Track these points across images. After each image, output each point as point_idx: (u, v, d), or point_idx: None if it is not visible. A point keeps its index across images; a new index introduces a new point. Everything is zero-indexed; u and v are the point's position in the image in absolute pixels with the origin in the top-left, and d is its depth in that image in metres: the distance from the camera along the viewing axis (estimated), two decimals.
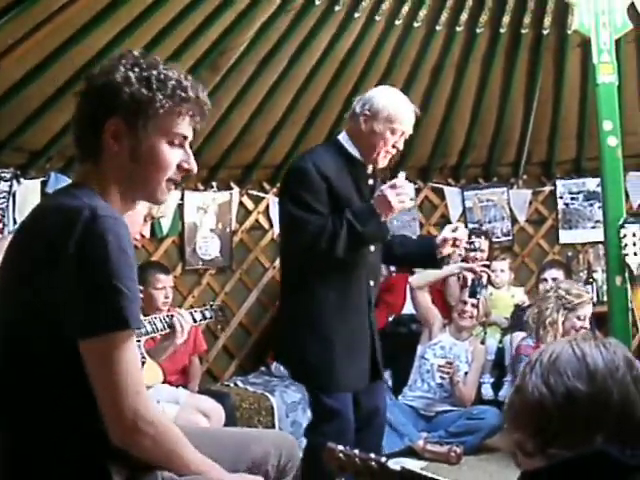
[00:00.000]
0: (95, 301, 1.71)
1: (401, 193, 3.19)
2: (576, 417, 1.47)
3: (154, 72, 1.89)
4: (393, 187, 3.19)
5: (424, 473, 2.08)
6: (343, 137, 3.39)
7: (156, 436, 1.79)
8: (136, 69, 1.88)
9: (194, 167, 2.00)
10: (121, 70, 1.87)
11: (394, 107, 3.30)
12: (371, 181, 3.42)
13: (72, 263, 1.70)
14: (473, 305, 5.09)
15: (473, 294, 4.78)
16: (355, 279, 3.35)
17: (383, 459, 2.04)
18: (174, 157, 1.94)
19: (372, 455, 2.07)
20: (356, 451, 2.04)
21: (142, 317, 3.61)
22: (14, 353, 1.81)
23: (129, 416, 1.74)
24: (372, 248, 3.40)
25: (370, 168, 3.42)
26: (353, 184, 3.32)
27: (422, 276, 5.37)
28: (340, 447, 2.05)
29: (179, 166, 1.96)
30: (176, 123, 1.92)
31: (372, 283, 3.45)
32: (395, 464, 2.04)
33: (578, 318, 4.50)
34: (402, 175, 3.28)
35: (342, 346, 3.30)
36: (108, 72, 1.88)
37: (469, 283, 4.86)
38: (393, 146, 3.32)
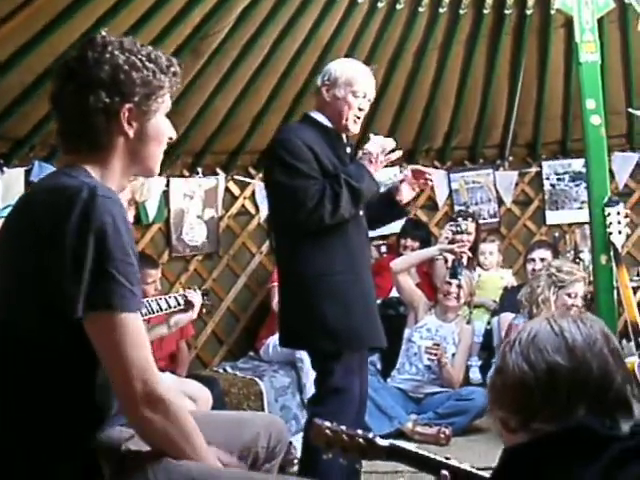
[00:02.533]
0: (91, 282, 1.71)
1: (379, 144, 3.39)
2: (557, 391, 1.50)
3: (144, 53, 1.92)
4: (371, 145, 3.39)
5: (411, 448, 2.10)
6: (313, 112, 3.49)
7: (168, 415, 1.79)
8: (130, 53, 1.90)
9: (175, 134, 2.06)
10: (120, 56, 1.88)
11: (351, 71, 3.45)
12: (349, 149, 3.53)
13: (71, 242, 1.72)
14: (458, 286, 5.10)
15: (453, 275, 4.80)
16: (357, 241, 3.43)
17: (370, 435, 2.06)
18: (169, 129, 2.03)
19: (359, 431, 2.08)
20: (343, 427, 2.05)
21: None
22: (6, 331, 1.81)
23: (139, 389, 1.75)
24: (361, 212, 3.47)
25: (345, 137, 3.51)
26: (333, 154, 3.39)
27: (403, 260, 5.40)
28: (327, 423, 2.06)
29: None
30: (169, 97, 2.00)
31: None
32: (383, 440, 2.06)
33: (569, 295, 4.54)
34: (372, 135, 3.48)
35: (359, 306, 3.37)
36: (104, 61, 1.88)
37: (449, 264, 4.87)
38: (360, 109, 3.43)
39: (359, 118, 3.45)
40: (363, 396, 3.54)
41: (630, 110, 4.47)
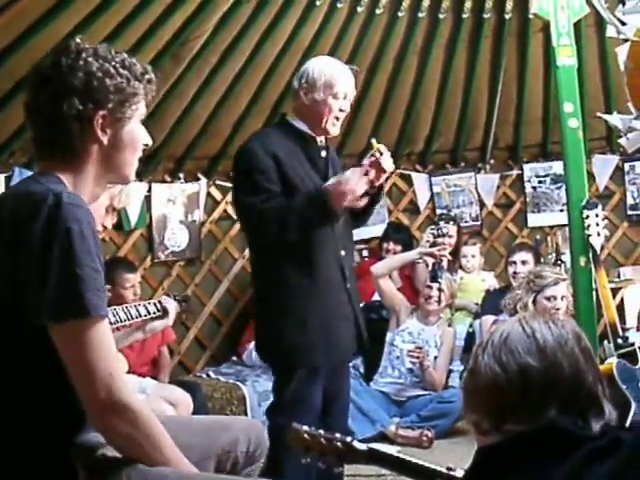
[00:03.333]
0: (56, 288, 1.71)
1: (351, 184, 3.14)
2: (529, 392, 1.50)
3: (119, 60, 1.93)
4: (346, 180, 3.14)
5: (391, 452, 2.11)
6: (290, 116, 3.38)
7: (135, 422, 1.78)
8: (104, 60, 1.90)
9: (150, 141, 2.06)
10: (94, 63, 1.88)
11: (329, 72, 3.29)
12: (324, 153, 3.39)
13: (35, 248, 1.71)
14: (438, 289, 5.12)
15: (434, 278, 4.81)
16: (322, 253, 3.26)
17: (348, 439, 2.07)
18: (144, 136, 2.03)
19: (337, 435, 2.09)
20: (321, 431, 2.07)
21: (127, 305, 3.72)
22: None
23: (102, 397, 1.74)
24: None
25: (322, 140, 3.39)
26: (307, 160, 3.29)
27: (383, 264, 5.42)
28: (305, 427, 2.07)
29: None
30: (144, 104, 2.00)
31: (343, 253, 3.36)
32: (361, 444, 2.07)
33: (547, 299, 4.55)
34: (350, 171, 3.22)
35: (318, 324, 3.23)
36: (78, 68, 1.87)
37: (429, 268, 4.88)
38: (340, 110, 3.31)
39: (338, 119, 3.33)
40: (343, 406, 3.51)
41: (598, 114, 4.48)
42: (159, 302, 3.65)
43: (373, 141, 3.38)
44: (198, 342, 6.11)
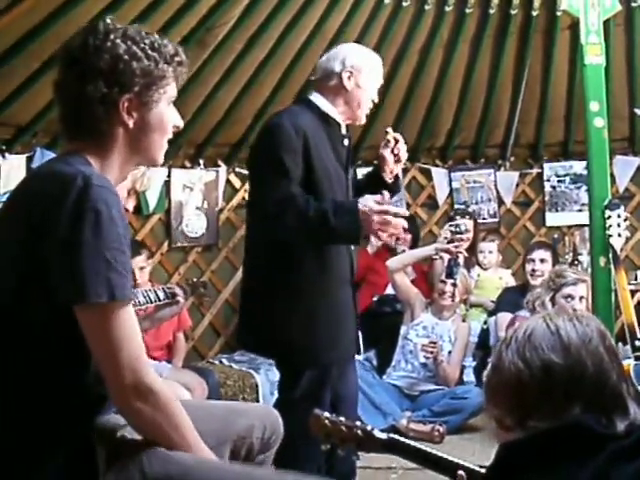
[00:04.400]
0: (83, 270, 1.70)
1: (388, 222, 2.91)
2: (553, 389, 1.50)
3: (148, 42, 1.90)
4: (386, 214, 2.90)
5: (409, 442, 2.11)
6: (315, 97, 3.26)
7: (158, 404, 1.79)
8: (132, 42, 1.88)
9: (182, 123, 2.04)
10: (122, 45, 1.86)
11: (373, 61, 3.30)
12: (346, 141, 3.32)
13: (63, 229, 1.71)
14: (453, 284, 5.11)
15: (450, 275, 4.79)
16: (334, 252, 3.17)
17: (369, 427, 2.08)
18: (175, 119, 2.00)
19: (358, 423, 2.10)
20: (342, 419, 2.07)
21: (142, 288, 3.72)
22: (3, 320, 1.81)
23: (128, 379, 1.75)
24: None
25: (344, 128, 3.32)
26: (329, 143, 3.19)
27: (398, 259, 5.40)
28: (326, 414, 2.08)
29: None
30: (174, 87, 1.98)
31: (353, 247, 3.29)
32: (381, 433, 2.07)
33: (565, 298, 4.54)
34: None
35: (325, 320, 3.14)
36: (105, 50, 1.86)
37: (445, 264, 4.86)
38: (373, 100, 3.31)
39: (368, 108, 3.31)
40: (351, 402, 3.43)
41: (635, 110, 4.45)
42: (168, 288, 3.63)
43: (389, 129, 3.41)
44: (213, 328, 6.14)
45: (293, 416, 2.54)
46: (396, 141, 3.35)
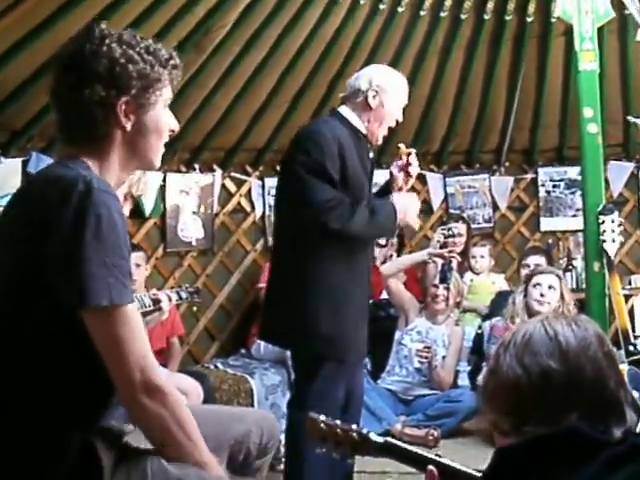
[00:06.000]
0: (84, 275, 1.71)
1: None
2: (551, 395, 1.49)
3: (143, 46, 1.92)
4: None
5: (405, 445, 2.11)
6: (345, 111, 3.41)
7: (165, 402, 1.80)
8: (128, 46, 1.90)
9: (178, 126, 2.06)
10: (118, 49, 1.88)
11: (401, 84, 3.47)
12: (372, 154, 3.47)
13: (64, 233, 1.72)
14: (446, 288, 5.12)
15: (443, 280, 4.80)
16: (362, 257, 3.37)
17: (365, 430, 2.08)
18: (171, 122, 2.02)
19: (354, 426, 2.10)
20: (338, 422, 2.07)
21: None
22: (5, 322, 1.81)
23: (137, 377, 1.76)
24: None
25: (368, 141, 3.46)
26: (358, 155, 3.32)
27: (392, 264, 5.45)
28: (322, 417, 2.08)
29: None
30: (169, 90, 1.99)
31: (370, 250, 3.55)
32: (377, 437, 2.08)
33: (534, 286, 4.61)
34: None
35: (351, 317, 3.31)
36: (101, 54, 1.87)
37: (438, 269, 4.87)
38: (396, 122, 3.46)
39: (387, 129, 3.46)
40: (357, 402, 3.52)
41: (629, 118, 4.46)
42: (153, 294, 3.62)
43: (402, 145, 3.54)
44: (207, 333, 6.13)
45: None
46: (408, 155, 3.50)
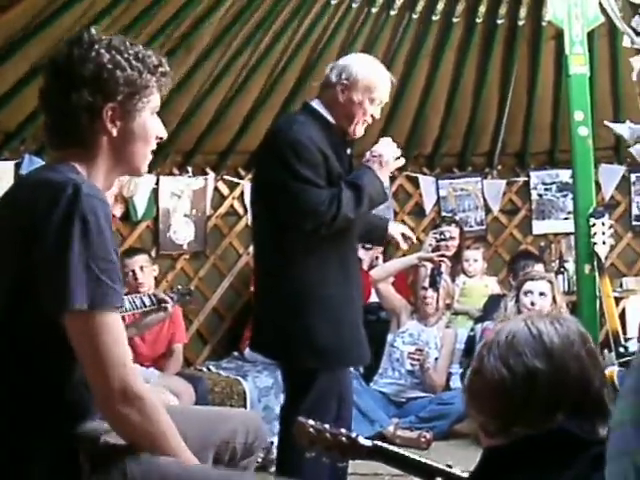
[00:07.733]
0: (71, 279, 1.72)
1: (392, 148, 3.27)
2: (537, 396, 1.50)
3: (132, 52, 1.92)
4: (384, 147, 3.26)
5: (394, 448, 2.12)
6: (317, 104, 3.23)
7: (144, 411, 1.80)
8: (117, 52, 1.90)
9: (165, 134, 2.05)
10: (106, 55, 1.88)
11: (373, 75, 3.19)
12: (349, 150, 3.30)
13: (52, 237, 1.73)
14: (435, 291, 5.13)
15: (432, 283, 4.80)
16: (352, 258, 3.28)
17: (354, 434, 2.08)
18: (158, 129, 2.01)
19: (343, 430, 2.10)
20: (326, 426, 2.07)
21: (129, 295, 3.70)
22: None
23: (116, 385, 1.76)
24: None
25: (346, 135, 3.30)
26: (333, 152, 3.16)
27: (382, 268, 5.45)
28: (311, 422, 2.08)
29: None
30: (157, 97, 1.99)
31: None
32: (366, 440, 2.08)
33: (525, 294, 4.62)
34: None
35: (348, 323, 3.21)
36: (89, 59, 1.88)
37: (428, 272, 4.87)
38: (372, 116, 3.22)
39: (365, 123, 3.24)
40: (348, 405, 3.42)
41: (606, 123, 4.44)
42: (154, 295, 3.63)
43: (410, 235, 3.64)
44: (200, 336, 6.12)
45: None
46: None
